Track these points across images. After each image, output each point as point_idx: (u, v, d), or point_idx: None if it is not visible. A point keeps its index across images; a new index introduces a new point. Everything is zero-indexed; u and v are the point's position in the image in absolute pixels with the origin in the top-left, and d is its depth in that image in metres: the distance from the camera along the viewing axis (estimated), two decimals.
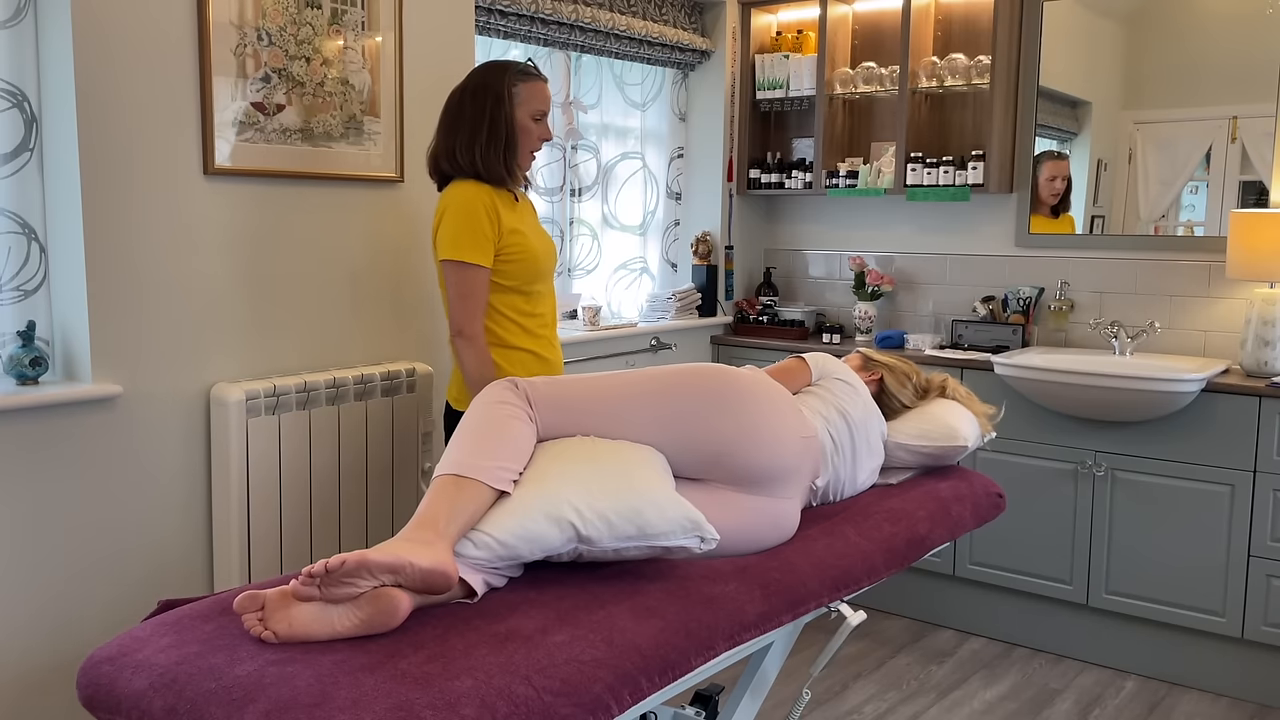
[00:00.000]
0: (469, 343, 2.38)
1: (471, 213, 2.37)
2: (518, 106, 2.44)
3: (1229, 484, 3.09)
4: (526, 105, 2.45)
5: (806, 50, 4.09)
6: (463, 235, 2.37)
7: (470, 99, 2.43)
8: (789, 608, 1.79)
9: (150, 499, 2.38)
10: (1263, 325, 3.14)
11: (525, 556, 1.65)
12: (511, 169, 2.46)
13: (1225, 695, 3.18)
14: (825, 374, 2.25)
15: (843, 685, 3.21)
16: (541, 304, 2.54)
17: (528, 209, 2.58)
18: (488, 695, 1.33)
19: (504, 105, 2.42)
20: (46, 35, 2.22)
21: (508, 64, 2.47)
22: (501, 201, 2.44)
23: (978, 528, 2.58)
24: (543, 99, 2.48)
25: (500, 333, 2.47)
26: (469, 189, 2.40)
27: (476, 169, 2.41)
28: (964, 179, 3.72)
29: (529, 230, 2.49)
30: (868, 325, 4.00)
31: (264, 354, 2.57)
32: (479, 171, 2.41)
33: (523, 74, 2.46)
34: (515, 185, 2.51)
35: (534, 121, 2.47)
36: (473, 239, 2.37)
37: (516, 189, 2.53)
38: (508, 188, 2.48)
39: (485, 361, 2.40)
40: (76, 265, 2.24)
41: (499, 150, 2.42)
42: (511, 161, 2.45)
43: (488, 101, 2.42)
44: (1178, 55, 3.43)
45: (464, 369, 2.40)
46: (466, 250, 2.36)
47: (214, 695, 1.33)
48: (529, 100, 2.45)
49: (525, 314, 2.50)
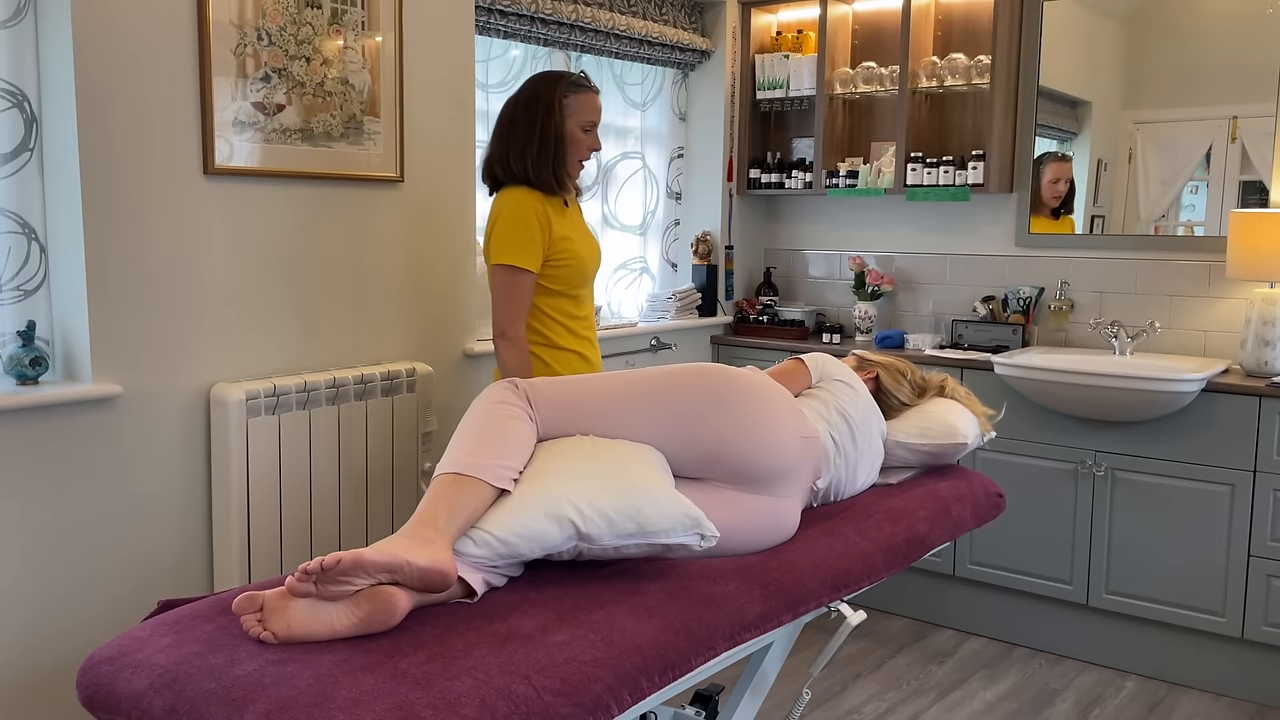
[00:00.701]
0: (510, 343, 2.47)
1: (524, 220, 2.46)
2: (568, 117, 2.52)
3: (1229, 484, 3.08)
4: (576, 116, 2.53)
5: (806, 50, 4.09)
6: (514, 241, 2.46)
7: (523, 109, 2.52)
8: (789, 608, 1.79)
9: (150, 499, 2.38)
10: (1263, 325, 3.14)
11: (525, 555, 1.65)
12: (561, 177, 2.54)
13: (1225, 695, 3.18)
14: (825, 375, 2.25)
15: (843, 685, 3.21)
16: (585, 306, 2.64)
17: (576, 214, 2.67)
18: (488, 695, 1.33)
19: (554, 115, 2.50)
20: (46, 35, 2.22)
21: (560, 75, 2.55)
22: (552, 208, 2.53)
23: (978, 528, 2.58)
24: (593, 110, 2.56)
25: (548, 334, 2.56)
26: (522, 196, 2.49)
27: (528, 176, 2.50)
28: (964, 179, 3.72)
29: (577, 236, 2.59)
30: (868, 325, 4.00)
31: (264, 354, 2.57)
32: (530, 179, 2.50)
33: (574, 85, 2.54)
34: (565, 192, 2.59)
35: (583, 132, 2.55)
36: (523, 245, 2.46)
37: (566, 195, 2.60)
38: (557, 194, 2.55)
39: (525, 362, 2.49)
40: (76, 265, 2.24)
41: (549, 159, 2.50)
42: (561, 170, 2.54)
43: (539, 112, 2.50)
44: (1178, 55, 3.43)
45: (504, 367, 2.50)
46: (517, 255, 2.45)
47: (214, 695, 1.33)
48: (579, 111, 2.53)
49: (571, 316, 2.59)
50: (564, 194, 2.59)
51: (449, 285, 3.01)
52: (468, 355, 3.08)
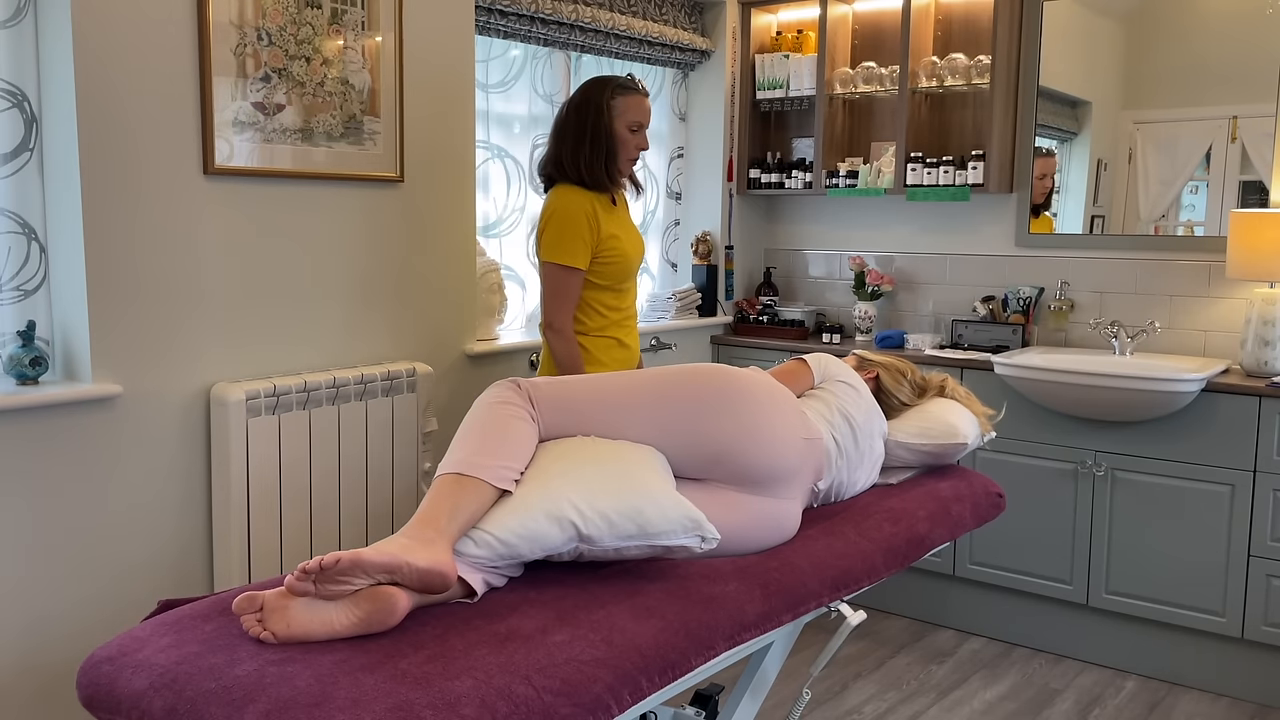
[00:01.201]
0: (558, 334, 2.63)
1: (574, 219, 2.60)
2: (616, 118, 2.65)
3: (1229, 484, 3.08)
4: (624, 117, 2.66)
5: (806, 50, 4.09)
6: (564, 239, 2.59)
7: (575, 112, 2.66)
8: (789, 608, 1.79)
9: (150, 499, 2.38)
10: (1263, 325, 3.14)
11: (526, 555, 1.65)
12: (612, 175, 2.68)
13: (1225, 695, 3.18)
14: (828, 376, 2.25)
15: (843, 685, 3.21)
16: (626, 299, 2.78)
17: (624, 211, 2.81)
18: (488, 695, 1.33)
19: (603, 117, 2.64)
20: (46, 35, 2.22)
21: (610, 79, 2.69)
22: (601, 206, 2.67)
23: (978, 527, 2.58)
24: (640, 111, 2.69)
25: (589, 323, 2.70)
26: (573, 195, 2.63)
27: (580, 175, 2.64)
28: (964, 179, 3.72)
29: (624, 234, 2.72)
30: (868, 325, 4.00)
31: (264, 354, 2.57)
32: (583, 177, 2.64)
33: (622, 88, 2.67)
34: (615, 189, 2.74)
35: (631, 132, 2.68)
36: (573, 244, 2.60)
37: (615, 192, 2.75)
38: (607, 191, 2.69)
39: (574, 351, 2.64)
40: (76, 265, 2.24)
41: (599, 158, 2.64)
42: (612, 168, 2.68)
43: (589, 114, 2.64)
44: (1178, 55, 3.43)
45: (555, 357, 2.65)
46: (566, 254, 2.59)
47: (214, 695, 1.33)
48: (626, 112, 2.66)
49: (612, 308, 2.73)
50: (614, 190, 2.72)
51: (449, 285, 3.01)
52: (468, 355, 3.08)
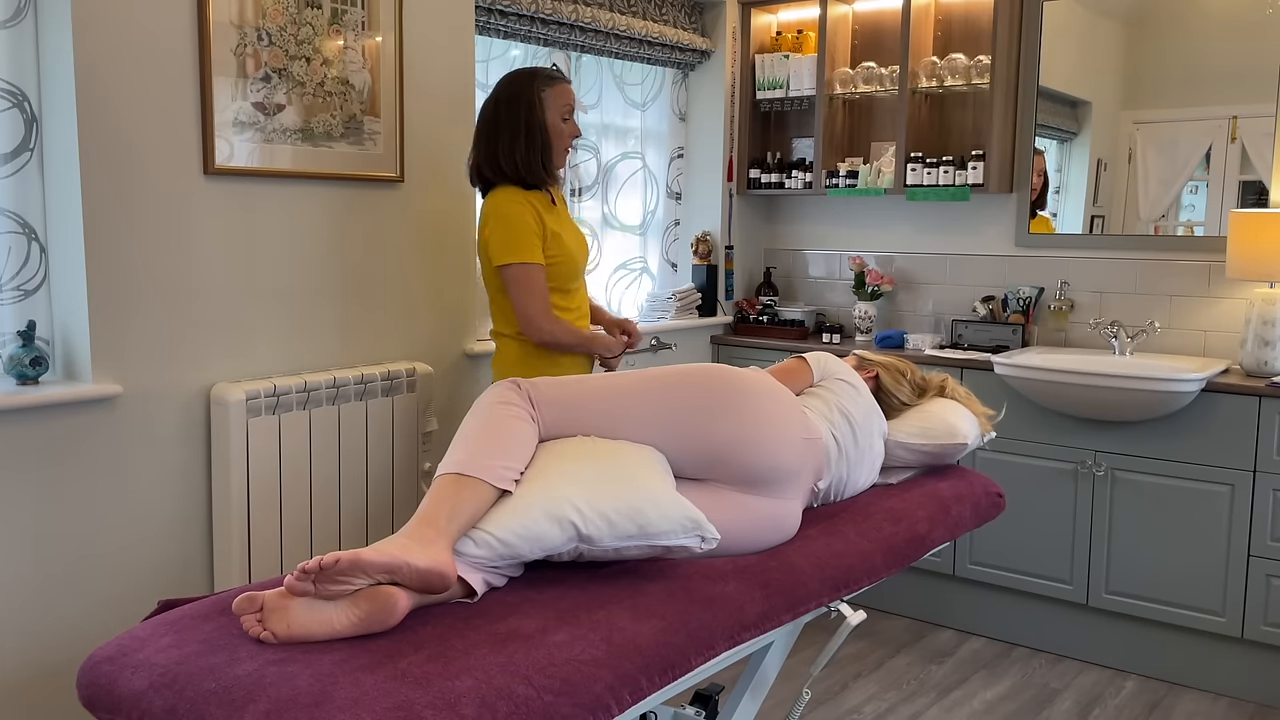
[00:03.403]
0: (548, 332, 2.57)
1: (518, 216, 2.54)
2: (548, 110, 2.60)
3: (1229, 484, 3.08)
4: (555, 107, 2.61)
5: (806, 50, 4.09)
6: (514, 238, 2.53)
7: (505, 108, 2.59)
8: (789, 607, 1.79)
9: (150, 499, 2.38)
10: (1263, 325, 3.14)
11: (526, 555, 1.65)
12: (550, 168, 2.63)
13: (1225, 695, 3.18)
14: (827, 374, 2.25)
15: (843, 685, 3.21)
16: (575, 298, 2.71)
17: (563, 209, 2.75)
18: (488, 695, 1.33)
19: (536, 110, 2.59)
20: (46, 35, 2.22)
21: (534, 71, 2.65)
22: (541, 205, 2.60)
23: (978, 527, 2.58)
24: (569, 98, 2.65)
25: None
26: (514, 195, 2.57)
27: (519, 173, 2.58)
28: (964, 179, 3.72)
29: (566, 233, 2.67)
30: (868, 325, 4.00)
31: (264, 354, 2.57)
32: (521, 175, 2.58)
33: (549, 79, 2.63)
34: (553, 184, 2.68)
35: (563, 121, 2.63)
36: (526, 239, 2.53)
37: (553, 190, 2.69)
38: (545, 189, 2.64)
39: (574, 333, 2.60)
40: (76, 265, 2.24)
41: (536, 152, 2.59)
42: (549, 162, 2.63)
43: (520, 109, 2.58)
44: (1178, 55, 3.43)
45: (565, 347, 2.60)
46: (524, 251, 2.53)
47: (214, 695, 1.33)
48: (556, 101, 2.62)
49: (563, 309, 2.66)
50: (552, 186, 2.67)
51: (449, 285, 3.01)
52: (468, 355, 3.08)
